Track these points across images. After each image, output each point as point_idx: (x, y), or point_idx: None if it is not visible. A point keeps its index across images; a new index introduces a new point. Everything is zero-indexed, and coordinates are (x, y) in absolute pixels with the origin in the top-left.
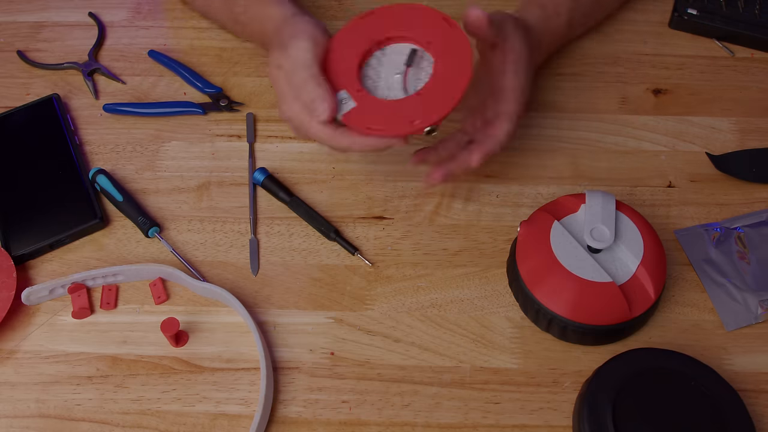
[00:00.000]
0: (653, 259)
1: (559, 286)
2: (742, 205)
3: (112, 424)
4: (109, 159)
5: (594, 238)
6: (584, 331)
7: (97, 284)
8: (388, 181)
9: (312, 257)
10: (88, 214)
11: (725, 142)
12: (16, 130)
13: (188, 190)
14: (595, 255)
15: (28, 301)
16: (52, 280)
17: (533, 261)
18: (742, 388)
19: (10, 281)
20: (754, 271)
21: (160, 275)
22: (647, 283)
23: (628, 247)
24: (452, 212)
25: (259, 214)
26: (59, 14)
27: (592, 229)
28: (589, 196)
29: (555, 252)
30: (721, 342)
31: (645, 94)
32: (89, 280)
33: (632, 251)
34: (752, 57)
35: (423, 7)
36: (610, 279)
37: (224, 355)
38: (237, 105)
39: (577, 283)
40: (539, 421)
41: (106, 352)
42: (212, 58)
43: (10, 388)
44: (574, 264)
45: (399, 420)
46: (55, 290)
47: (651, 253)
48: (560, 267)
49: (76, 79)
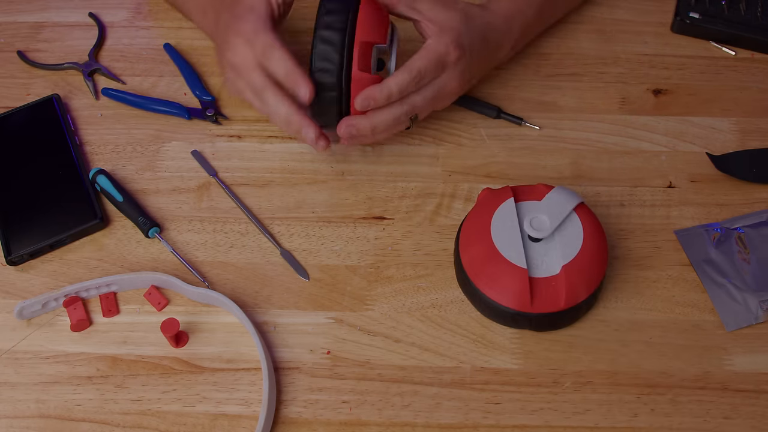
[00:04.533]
0: (580, 268)
1: (481, 255)
2: (742, 205)
3: (112, 424)
4: (109, 159)
5: (532, 226)
6: (493, 309)
7: (92, 295)
8: (388, 181)
9: (312, 257)
10: (88, 214)
11: (725, 142)
12: (16, 130)
13: (188, 190)
14: (533, 243)
15: (20, 316)
16: (45, 294)
17: (472, 224)
18: (742, 388)
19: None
20: (754, 272)
21: (154, 283)
22: (562, 288)
23: (563, 247)
24: (452, 212)
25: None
26: (59, 14)
27: (533, 218)
28: (555, 190)
29: (493, 226)
30: (721, 342)
31: (645, 94)
32: (83, 292)
33: (563, 253)
34: (752, 57)
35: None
36: (525, 267)
37: (224, 355)
38: (222, 118)
39: (495, 257)
40: (539, 422)
41: (106, 353)
42: (212, 58)
43: (10, 388)
44: (504, 242)
45: (399, 420)
46: (48, 303)
47: (581, 261)
48: (489, 239)
49: (76, 79)
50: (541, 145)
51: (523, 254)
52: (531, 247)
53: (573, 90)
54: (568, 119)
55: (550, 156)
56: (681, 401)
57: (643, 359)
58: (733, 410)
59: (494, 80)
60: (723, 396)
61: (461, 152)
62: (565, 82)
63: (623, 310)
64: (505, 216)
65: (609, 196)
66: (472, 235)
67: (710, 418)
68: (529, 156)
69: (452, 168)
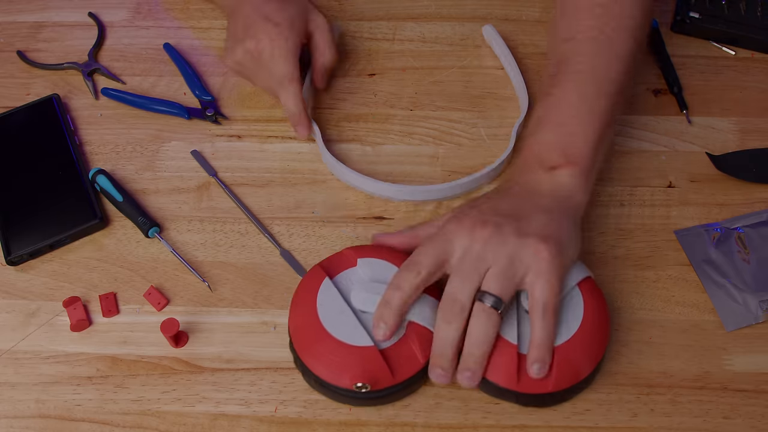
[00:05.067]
0: (577, 347)
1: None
2: (742, 205)
3: (112, 424)
4: (109, 159)
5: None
6: (482, 383)
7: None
8: (388, 181)
9: (312, 257)
10: (88, 214)
11: (725, 142)
12: (16, 130)
13: (188, 190)
14: (528, 316)
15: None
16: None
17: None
18: (742, 389)
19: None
20: (754, 272)
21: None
22: (553, 367)
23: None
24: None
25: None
26: (59, 14)
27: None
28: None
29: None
30: (721, 342)
31: (645, 94)
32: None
33: (558, 330)
34: (752, 57)
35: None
36: (516, 342)
37: (224, 355)
38: (222, 117)
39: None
40: (539, 422)
41: (106, 353)
42: (212, 58)
43: (10, 388)
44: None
45: (399, 420)
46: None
47: (579, 340)
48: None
49: (76, 79)
50: None
51: (515, 328)
52: (527, 322)
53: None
54: None
55: None
56: (680, 401)
57: (642, 359)
58: (733, 410)
59: (495, 80)
60: (723, 396)
61: (461, 152)
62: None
63: (623, 310)
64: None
65: (609, 196)
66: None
67: (710, 418)
68: None
69: (452, 168)
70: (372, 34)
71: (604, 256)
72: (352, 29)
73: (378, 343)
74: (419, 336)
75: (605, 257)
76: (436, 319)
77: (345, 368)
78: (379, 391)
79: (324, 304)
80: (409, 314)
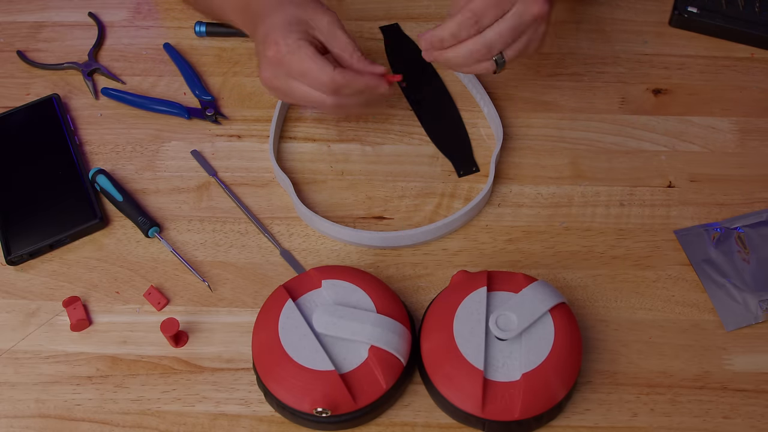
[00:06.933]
0: (542, 378)
1: (439, 347)
2: (742, 205)
3: (112, 424)
4: (109, 159)
5: (497, 324)
6: (446, 405)
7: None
8: (388, 181)
9: (312, 257)
10: (88, 214)
11: (725, 142)
12: (16, 130)
13: (188, 190)
14: (498, 342)
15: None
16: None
17: (438, 309)
18: (742, 388)
19: None
20: (754, 271)
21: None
22: (518, 397)
23: (527, 352)
24: (452, 212)
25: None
26: (59, 14)
27: (501, 315)
28: (534, 285)
29: (457, 316)
30: (721, 342)
31: (645, 94)
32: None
33: (527, 359)
34: (752, 57)
35: None
36: (482, 368)
37: (224, 355)
38: (222, 117)
39: (453, 352)
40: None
41: (106, 352)
42: (212, 58)
43: (10, 388)
44: (465, 337)
45: (399, 420)
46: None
47: (544, 371)
48: (450, 331)
49: (76, 79)
50: (540, 145)
51: (482, 353)
52: (495, 346)
53: (573, 90)
54: (568, 119)
55: (549, 156)
56: (680, 401)
57: (642, 359)
58: (733, 410)
59: (494, 80)
60: (722, 396)
61: None
62: (565, 81)
63: (623, 310)
64: (473, 307)
65: (609, 196)
66: (434, 323)
67: (709, 418)
68: (528, 156)
69: (452, 168)
70: (372, 34)
71: (604, 256)
72: (352, 29)
73: (339, 368)
74: (381, 361)
75: (605, 257)
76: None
77: (305, 392)
78: (339, 416)
79: (286, 327)
80: (371, 338)
